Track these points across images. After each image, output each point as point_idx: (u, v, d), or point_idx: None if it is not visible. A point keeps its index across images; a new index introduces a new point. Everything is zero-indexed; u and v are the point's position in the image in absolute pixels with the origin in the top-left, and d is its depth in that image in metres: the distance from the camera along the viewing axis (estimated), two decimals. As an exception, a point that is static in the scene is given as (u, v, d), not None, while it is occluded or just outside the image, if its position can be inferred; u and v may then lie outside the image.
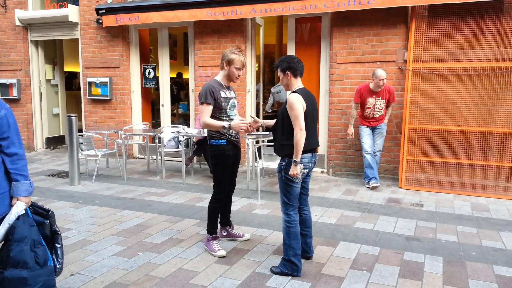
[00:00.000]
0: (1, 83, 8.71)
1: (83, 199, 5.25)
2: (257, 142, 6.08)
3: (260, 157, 5.36)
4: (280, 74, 3.22)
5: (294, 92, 3.11)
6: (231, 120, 3.48)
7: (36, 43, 8.75)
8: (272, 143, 3.40)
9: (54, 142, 9.29)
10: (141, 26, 7.83)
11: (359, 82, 6.17)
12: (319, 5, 6.02)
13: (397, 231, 4.11)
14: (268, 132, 5.23)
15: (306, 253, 3.39)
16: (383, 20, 6.06)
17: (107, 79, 7.89)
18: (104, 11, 7.46)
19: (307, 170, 3.23)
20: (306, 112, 3.06)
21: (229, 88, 3.62)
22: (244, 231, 3.99)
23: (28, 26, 8.59)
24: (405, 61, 5.97)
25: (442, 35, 5.72)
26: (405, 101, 5.85)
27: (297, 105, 2.99)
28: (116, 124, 7.96)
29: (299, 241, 3.16)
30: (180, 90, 10.40)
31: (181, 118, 9.75)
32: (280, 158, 3.19)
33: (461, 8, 5.58)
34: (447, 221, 4.43)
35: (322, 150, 6.78)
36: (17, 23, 8.38)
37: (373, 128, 5.86)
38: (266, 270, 3.22)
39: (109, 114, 8.10)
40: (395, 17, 5.99)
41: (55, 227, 2.44)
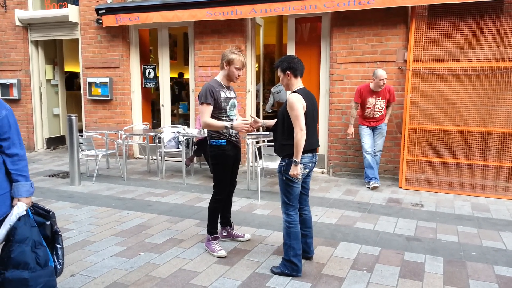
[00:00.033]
0: (1, 83, 8.71)
1: (84, 200, 5.25)
2: (257, 142, 6.08)
3: (260, 157, 5.36)
4: (280, 74, 3.22)
5: (295, 92, 3.11)
6: (231, 121, 3.48)
7: (36, 43, 8.75)
8: (272, 143, 3.40)
9: (55, 142, 9.30)
10: (141, 26, 7.83)
11: (359, 82, 6.17)
12: (319, 5, 6.02)
13: (398, 231, 4.11)
14: (268, 132, 5.23)
15: (307, 253, 3.39)
16: (383, 20, 6.06)
17: (107, 79, 7.89)
18: (104, 11, 7.46)
19: (308, 170, 3.23)
20: (307, 112, 3.06)
21: (229, 88, 3.61)
22: (245, 232, 3.99)
23: (28, 26, 8.59)
24: (405, 61, 5.97)
25: (442, 35, 5.72)
26: (405, 101, 5.85)
27: (297, 105, 2.99)
28: (116, 124, 7.96)
29: (300, 242, 3.16)
30: (182, 90, 10.40)
31: (181, 118, 9.75)
32: (281, 158, 3.19)
33: (461, 8, 5.58)
34: (448, 221, 4.43)
35: (322, 150, 6.78)
36: (17, 23, 8.38)
37: (373, 128, 5.86)
38: (267, 271, 3.22)
39: (109, 114, 8.10)
40: (395, 17, 5.99)
41: (56, 228, 2.44)
